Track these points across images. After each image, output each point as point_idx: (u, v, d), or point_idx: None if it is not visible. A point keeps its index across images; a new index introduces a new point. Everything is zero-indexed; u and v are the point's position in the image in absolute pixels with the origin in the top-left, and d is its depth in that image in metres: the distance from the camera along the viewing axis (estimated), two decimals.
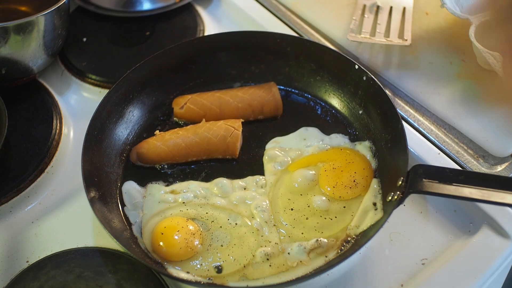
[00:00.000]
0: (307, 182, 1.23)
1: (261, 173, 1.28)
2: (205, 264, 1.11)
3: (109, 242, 1.13)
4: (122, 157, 1.31)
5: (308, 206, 1.20)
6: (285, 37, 1.42)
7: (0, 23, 1.26)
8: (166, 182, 1.27)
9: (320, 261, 1.11)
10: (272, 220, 1.18)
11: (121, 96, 1.34)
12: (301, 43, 1.42)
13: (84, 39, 1.60)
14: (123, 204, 1.22)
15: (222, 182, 1.25)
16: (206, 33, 1.61)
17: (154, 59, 1.39)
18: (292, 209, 1.20)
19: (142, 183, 1.26)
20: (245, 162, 1.31)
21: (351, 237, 1.14)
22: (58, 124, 1.38)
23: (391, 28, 1.49)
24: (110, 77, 1.47)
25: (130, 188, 1.25)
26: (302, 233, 1.15)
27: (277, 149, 1.31)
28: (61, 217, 1.24)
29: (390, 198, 1.12)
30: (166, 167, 1.30)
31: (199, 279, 1.08)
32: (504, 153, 1.28)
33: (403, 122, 1.21)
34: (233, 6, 1.69)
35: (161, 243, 1.12)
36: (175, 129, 1.34)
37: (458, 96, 1.39)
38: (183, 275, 1.08)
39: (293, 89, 1.45)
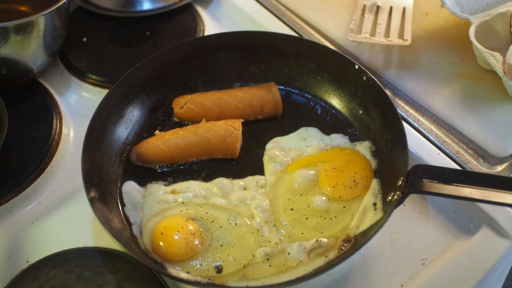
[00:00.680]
0: (307, 182, 1.23)
1: (261, 173, 1.28)
2: (205, 264, 1.11)
3: (109, 242, 1.13)
4: (122, 157, 1.31)
5: (308, 206, 1.20)
6: (285, 37, 1.42)
7: (0, 23, 1.26)
8: (166, 182, 1.27)
9: (320, 261, 1.11)
10: (272, 220, 1.18)
11: (121, 96, 1.34)
12: (301, 43, 1.42)
13: (84, 39, 1.60)
14: (123, 204, 1.22)
15: (222, 182, 1.25)
16: (206, 33, 1.61)
17: (154, 59, 1.39)
18: (292, 209, 1.20)
19: (142, 183, 1.26)
20: (245, 162, 1.31)
21: (351, 237, 1.14)
22: (58, 124, 1.38)
23: (391, 28, 1.49)
24: (110, 77, 1.48)
25: (130, 188, 1.25)
26: (302, 233, 1.15)
27: (277, 149, 1.31)
28: (61, 217, 1.24)
29: (390, 198, 1.12)
30: (166, 167, 1.30)
31: (199, 279, 1.08)
32: (504, 153, 1.28)
33: (403, 122, 1.21)
34: (233, 6, 1.69)
35: (161, 243, 1.12)
36: (175, 129, 1.34)
37: (458, 96, 1.39)
38: (183, 275, 1.08)
39: (293, 89, 1.45)
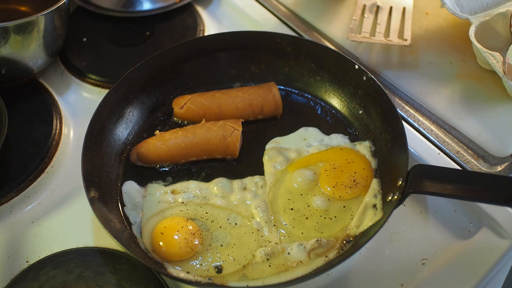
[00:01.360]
0: (307, 182, 1.23)
1: (261, 173, 1.28)
2: (205, 264, 1.11)
3: (109, 242, 1.12)
4: (122, 157, 1.31)
5: (308, 206, 1.20)
6: (285, 37, 1.42)
7: (0, 23, 1.26)
8: (166, 182, 1.27)
9: (320, 261, 1.10)
10: (272, 220, 1.18)
11: (121, 96, 1.34)
12: (301, 43, 1.42)
13: (84, 39, 1.60)
14: (123, 204, 1.22)
15: (222, 182, 1.25)
16: (206, 33, 1.61)
17: (154, 59, 1.39)
18: (292, 209, 1.19)
19: (142, 183, 1.26)
20: (245, 162, 1.31)
21: (351, 237, 1.14)
22: (58, 124, 1.38)
23: (391, 28, 1.49)
24: (110, 77, 1.47)
25: (130, 188, 1.25)
26: (302, 233, 1.15)
27: (277, 149, 1.31)
28: (61, 217, 1.24)
29: (390, 198, 1.12)
30: (166, 167, 1.30)
31: (199, 279, 1.08)
32: (504, 153, 1.28)
33: (403, 122, 1.21)
34: (233, 6, 1.69)
35: (161, 243, 1.12)
36: (175, 129, 1.34)
37: (458, 96, 1.38)
38: (183, 275, 1.08)
39: (293, 89, 1.45)
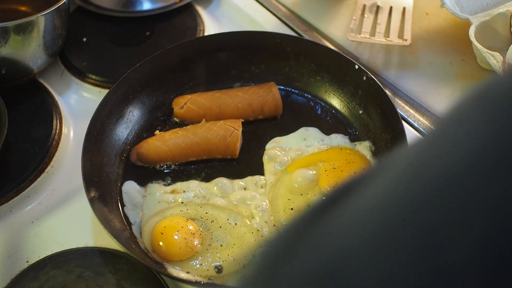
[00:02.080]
0: (307, 182, 1.23)
1: (261, 173, 1.28)
2: (205, 264, 1.11)
3: (109, 242, 1.12)
4: (122, 157, 1.31)
5: (308, 206, 1.19)
6: (285, 37, 1.42)
7: (0, 23, 1.26)
8: (166, 182, 1.27)
9: None
10: (272, 220, 1.18)
11: (121, 96, 1.33)
12: (301, 43, 1.42)
13: (84, 39, 1.60)
14: (123, 204, 1.22)
15: (222, 182, 1.25)
16: (206, 33, 1.61)
17: (154, 59, 1.39)
18: (292, 209, 1.19)
19: (142, 183, 1.26)
20: (245, 162, 1.31)
21: None
22: (58, 124, 1.38)
23: (391, 28, 1.49)
24: (110, 77, 1.47)
25: (130, 188, 1.25)
26: None
27: (277, 149, 1.31)
28: (61, 217, 1.24)
29: None
30: (166, 167, 1.30)
31: (199, 279, 1.08)
32: None
33: (403, 122, 1.21)
34: (233, 6, 1.69)
35: (160, 243, 1.11)
36: (175, 129, 1.34)
37: (458, 96, 1.38)
38: (183, 275, 1.08)
39: (293, 89, 1.44)
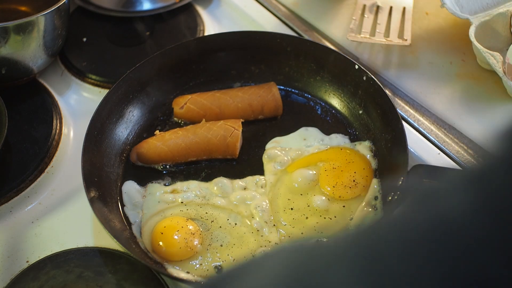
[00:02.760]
0: (307, 182, 1.23)
1: (261, 173, 1.28)
2: (205, 264, 1.11)
3: (109, 242, 1.12)
4: (122, 157, 1.31)
5: (308, 206, 1.20)
6: (285, 37, 1.42)
7: (0, 23, 1.26)
8: (166, 182, 1.27)
9: None
10: (272, 220, 1.18)
11: (121, 96, 1.34)
12: (301, 43, 1.42)
13: (84, 39, 1.60)
14: (123, 204, 1.22)
15: (222, 182, 1.25)
16: (206, 33, 1.61)
17: (154, 59, 1.39)
18: (292, 209, 1.19)
19: (142, 183, 1.26)
20: (245, 162, 1.31)
21: None
22: (58, 124, 1.38)
23: (391, 28, 1.49)
24: (110, 77, 1.47)
25: (130, 188, 1.25)
26: (302, 233, 1.15)
27: (277, 149, 1.31)
28: (61, 217, 1.24)
29: (390, 198, 1.12)
30: (166, 167, 1.30)
31: (199, 279, 1.08)
32: None
33: (403, 122, 1.21)
34: (233, 6, 1.69)
35: (160, 243, 1.12)
36: (175, 129, 1.34)
37: (458, 96, 1.38)
38: (183, 275, 1.08)
39: (293, 89, 1.44)
